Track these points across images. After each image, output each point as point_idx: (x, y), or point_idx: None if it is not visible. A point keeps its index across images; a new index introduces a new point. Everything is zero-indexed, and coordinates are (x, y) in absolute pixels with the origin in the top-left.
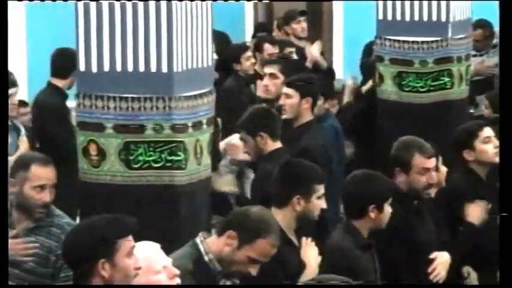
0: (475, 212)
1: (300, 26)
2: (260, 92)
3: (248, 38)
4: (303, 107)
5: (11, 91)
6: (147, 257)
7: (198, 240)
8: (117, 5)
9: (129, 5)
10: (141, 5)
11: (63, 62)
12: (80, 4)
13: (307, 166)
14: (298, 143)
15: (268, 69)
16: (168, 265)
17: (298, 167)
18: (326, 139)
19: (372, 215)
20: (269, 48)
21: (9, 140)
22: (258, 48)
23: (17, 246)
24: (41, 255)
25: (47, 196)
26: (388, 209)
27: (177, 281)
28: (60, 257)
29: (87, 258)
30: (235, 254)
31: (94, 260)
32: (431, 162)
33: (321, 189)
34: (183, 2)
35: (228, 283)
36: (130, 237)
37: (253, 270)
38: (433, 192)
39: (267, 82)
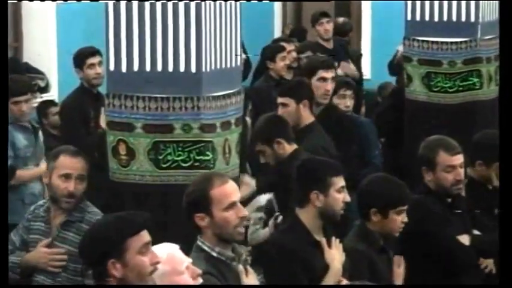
0: None
1: (323, 28)
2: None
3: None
4: (301, 111)
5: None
6: (170, 258)
7: (199, 242)
8: (147, 5)
9: (158, 5)
10: (170, 4)
11: None
12: (110, 4)
13: (320, 161)
14: (301, 145)
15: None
16: (190, 265)
17: (311, 163)
18: (326, 140)
19: (374, 218)
20: (287, 46)
21: (26, 142)
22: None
23: (47, 256)
24: (71, 251)
25: (71, 185)
26: (396, 218)
27: (200, 280)
28: None
29: (98, 259)
30: (218, 227)
31: (104, 262)
32: (457, 159)
33: (339, 181)
34: (212, 2)
35: (240, 266)
36: (142, 234)
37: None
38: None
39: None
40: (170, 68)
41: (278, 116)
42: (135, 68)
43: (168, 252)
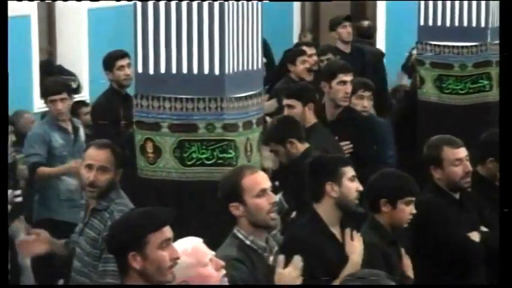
0: None
1: (346, 30)
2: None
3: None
4: (307, 113)
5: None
6: (195, 251)
7: (235, 230)
8: (173, 11)
9: (184, 10)
10: (195, 11)
11: None
12: (138, 9)
13: (329, 155)
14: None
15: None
16: (213, 257)
17: (321, 158)
18: (328, 140)
19: (384, 209)
20: (308, 50)
21: (63, 141)
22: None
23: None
24: (92, 236)
25: (92, 175)
26: (404, 208)
27: (223, 271)
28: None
29: (119, 251)
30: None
31: (125, 253)
32: (462, 152)
33: (349, 171)
34: (235, 7)
35: (271, 258)
36: (163, 230)
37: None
38: None
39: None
40: (195, 70)
41: (290, 117)
42: (162, 70)
43: (192, 245)
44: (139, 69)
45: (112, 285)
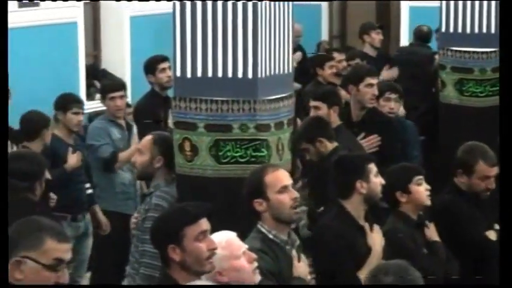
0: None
1: (378, 36)
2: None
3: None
4: (332, 115)
5: (120, 93)
6: (229, 243)
7: (258, 225)
8: (209, 18)
9: (219, 18)
10: (230, 18)
11: None
12: (177, 16)
13: (354, 154)
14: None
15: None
16: (246, 250)
17: (348, 157)
18: (351, 140)
19: (402, 199)
20: (338, 56)
21: (120, 136)
22: (331, 57)
23: None
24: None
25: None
26: (417, 188)
27: (255, 264)
28: (143, 222)
29: (160, 244)
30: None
31: (165, 246)
32: (494, 171)
33: (373, 167)
34: (268, 13)
35: (294, 251)
36: (199, 223)
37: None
38: None
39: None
40: (230, 74)
41: (320, 118)
42: (199, 73)
43: (226, 239)
44: (178, 73)
45: (119, 286)
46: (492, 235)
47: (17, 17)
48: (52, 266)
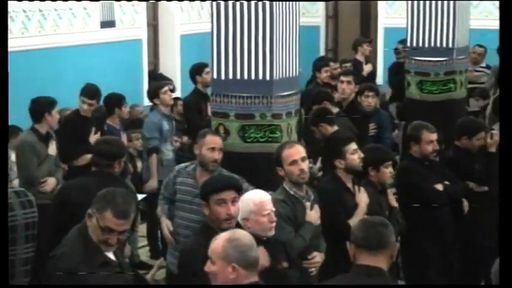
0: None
1: (368, 48)
2: (340, 93)
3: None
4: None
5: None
6: (260, 203)
7: (284, 184)
8: (238, 36)
9: (246, 36)
10: (253, 36)
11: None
12: (214, 36)
13: (334, 137)
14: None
15: (345, 78)
16: (271, 212)
17: (330, 141)
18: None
19: (372, 173)
20: (332, 65)
21: (168, 126)
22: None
23: None
24: None
25: (215, 154)
26: (385, 170)
27: (273, 224)
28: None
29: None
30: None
31: (203, 203)
32: (434, 136)
33: (351, 147)
34: (282, 30)
35: (308, 204)
36: (220, 193)
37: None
38: None
39: (345, 86)
40: (252, 77)
41: (325, 108)
42: (230, 76)
43: (260, 198)
44: (215, 76)
45: (117, 285)
46: (439, 187)
47: (98, 35)
48: (103, 228)
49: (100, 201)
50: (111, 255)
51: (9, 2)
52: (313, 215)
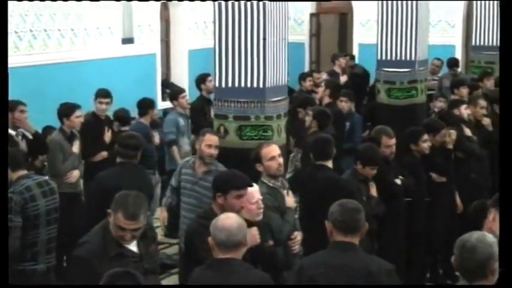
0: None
1: (344, 61)
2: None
3: (305, 70)
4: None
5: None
6: (249, 193)
7: (262, 178)
8: (236, 53)
9: (243, 53)
10: (249, 53)
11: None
12: (217, 51)
13: (318, 139)
14: None
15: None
16: (259, 200)
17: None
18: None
19: (360, 166)
20: (316, 75)
21: (184, 123)
22: (310, 74)
23: None
24: (207, 185)
25: (212, 150)
26: (371, 171)
27: (261, 210)
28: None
29: (215, 190)
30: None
31: (216, 194)
32: (393, 141)
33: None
34: (273, 48)
35: (285, 191)
36: (245, 190)
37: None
38: None
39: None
40: (248, 85)
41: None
42: (229, 85)
43: (249, 189)
44: (217, 84)
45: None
46: (398, 181)
47: (120, 50)
48: (117, 226)
49: (115, 203)
50: (133, 247)
51: (45, 21)
52: (290, 200)
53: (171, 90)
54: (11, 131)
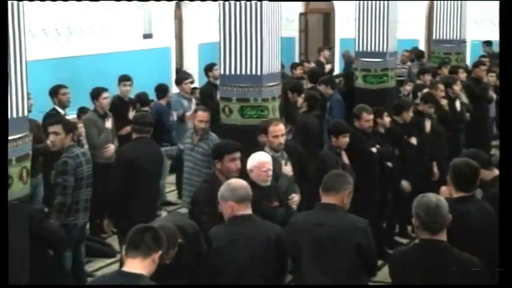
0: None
1: (328, 53)
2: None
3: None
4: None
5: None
6: (262, 162)
7: (265, 148)
8: (238, 45)
9: (244, 44)
10: (249, 44)
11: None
12: (221, 44)
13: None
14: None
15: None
16: (268, 170)
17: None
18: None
19: (334, 139)
20: (306, 65)
21: (187, 104)
22: (300, 64)
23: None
24: (202, 151)
25: (202, 124)
26: (342, 139)
27: (269, 177)
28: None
29: (214, 158)
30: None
31: (214, 161)
32: (371, 116)
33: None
34: (269, 39)
35: (283, 161)
36: (237, 153)
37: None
38: None
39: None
40: (248, 72)
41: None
42: (233, 72)
43: (261, 159)
44: (222, 72)
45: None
46: (374, 149)
47: (141, 43)
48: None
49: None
50: None
51: (81, 20)
52: (288, 169)
53: (177, 77)
54: (59, 109)
